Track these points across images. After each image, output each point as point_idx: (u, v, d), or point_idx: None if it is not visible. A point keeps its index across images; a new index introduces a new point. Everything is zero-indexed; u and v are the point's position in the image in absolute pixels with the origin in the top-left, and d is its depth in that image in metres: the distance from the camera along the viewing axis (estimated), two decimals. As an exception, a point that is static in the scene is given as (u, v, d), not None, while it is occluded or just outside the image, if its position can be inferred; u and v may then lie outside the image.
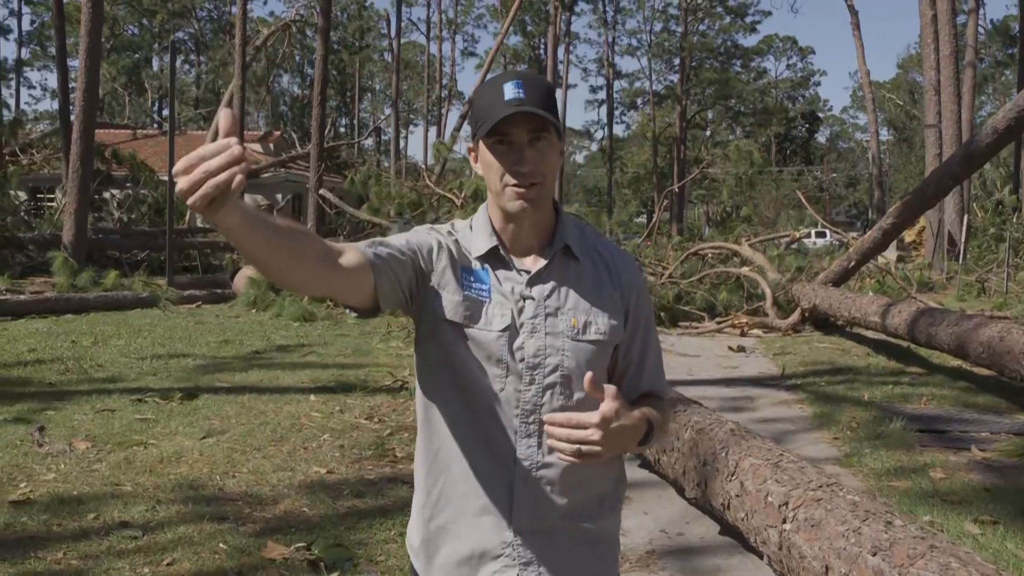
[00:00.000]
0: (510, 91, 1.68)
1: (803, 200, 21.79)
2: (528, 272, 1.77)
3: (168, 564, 4.11)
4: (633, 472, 5.75)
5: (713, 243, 17.41)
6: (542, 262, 1.78)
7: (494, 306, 1.75)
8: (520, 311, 1.75)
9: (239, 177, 1.25)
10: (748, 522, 3.90)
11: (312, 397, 7.88)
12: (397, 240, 1.75)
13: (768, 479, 3.84)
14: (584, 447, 1.59)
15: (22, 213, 24.54)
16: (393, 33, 60.94)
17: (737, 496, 4.03)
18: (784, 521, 3.56)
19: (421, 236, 1.78)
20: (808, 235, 38.65)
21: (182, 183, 1.24)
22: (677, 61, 66.42)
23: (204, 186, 1.24)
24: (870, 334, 11.72)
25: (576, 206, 33.04)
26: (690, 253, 16.33)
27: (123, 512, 4.80)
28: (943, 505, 5.11)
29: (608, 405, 1.60)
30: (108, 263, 19.79)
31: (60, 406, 7.30)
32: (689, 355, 10.86)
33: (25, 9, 59.11)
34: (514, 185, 1.70)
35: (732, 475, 4.13)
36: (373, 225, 19.15)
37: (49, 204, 27.50)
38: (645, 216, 66.01)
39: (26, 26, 62.61)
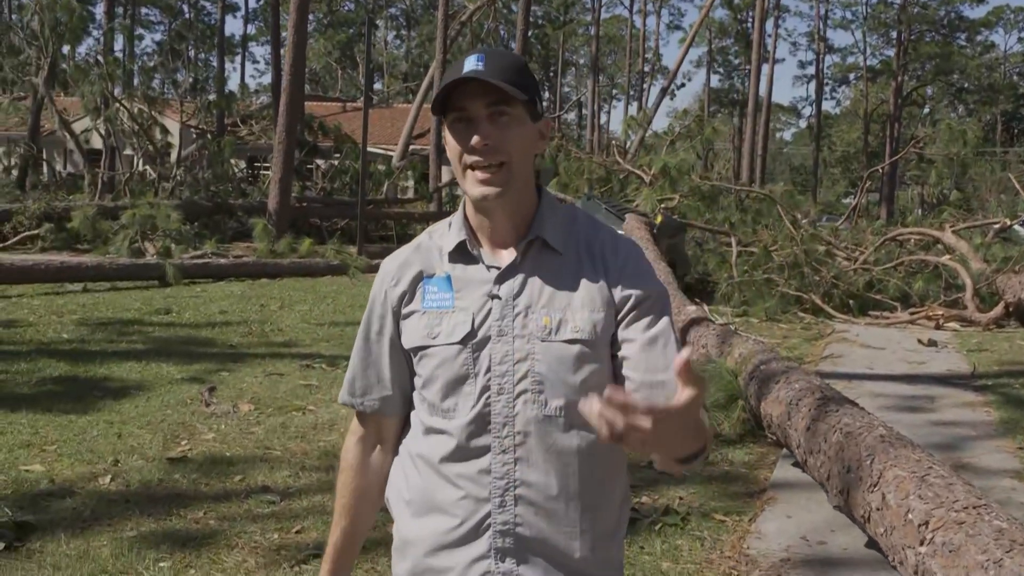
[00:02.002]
0: (470, 64, 1.54)
1: (1016, 183, 20.06)
2: (499, 268, 1.61)
3: (296, 532, 4.22)
4: (785, 471, 5.47)
5: (913, 228, 16.33)
6: (514, 256, 1.62)
7: (457, 313, 1.61)
8: (487, 313, 1.59)
9: None
10: (887, 538, 3.60)
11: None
12: (371, 341, 1.74)
13: (911, 494, 3.52)
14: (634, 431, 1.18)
15: (237, 181, 26.10)
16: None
17: (878, 509, 3.73)
18: (922, 543, 3.26)
19: (376, 305, 1.72)
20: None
21: None
22: (894, 34, 62.83)
23: None
24: (1085, 334, 10.71)
25: (781, 184, 31.87)
26: (887, 238, 15.40)
27: (267, 476, 4.98)
28: None
29: (683, 394, 1.22)
30: (311, 230, 20.82)
31: (235, 368, 7.68)
32: (873, 347, 10.25)
33: (251, -13, 62.69)
34: (472, 167, 1.55)
35: (875, 486, 3.83)
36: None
37: (264, 173, 29.13)
38: (853, 197, 63.14)
39: (252, 3, 66.19)
